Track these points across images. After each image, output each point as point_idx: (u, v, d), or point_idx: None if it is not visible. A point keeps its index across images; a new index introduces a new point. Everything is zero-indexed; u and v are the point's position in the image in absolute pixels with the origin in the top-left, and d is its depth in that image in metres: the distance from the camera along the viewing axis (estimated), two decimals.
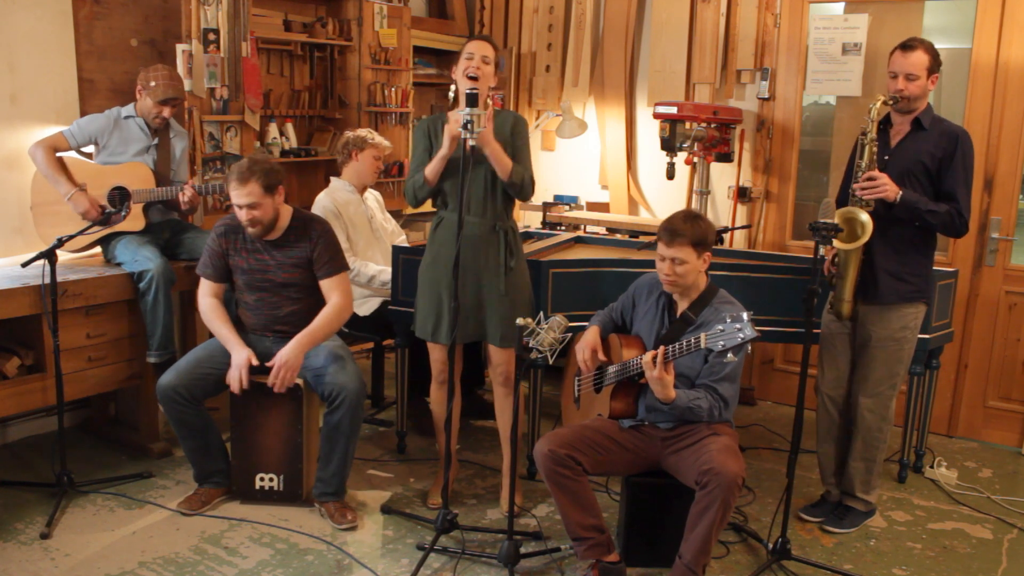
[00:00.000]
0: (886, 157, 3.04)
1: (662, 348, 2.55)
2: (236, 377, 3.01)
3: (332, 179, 4.02)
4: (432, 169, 2.98)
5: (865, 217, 2.91)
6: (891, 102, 2.98)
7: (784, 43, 4.50)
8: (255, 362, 3.04)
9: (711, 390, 2.66)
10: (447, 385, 3.17)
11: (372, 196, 4.14)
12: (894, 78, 2.97)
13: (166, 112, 3.51)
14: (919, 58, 2.93)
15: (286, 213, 3.14)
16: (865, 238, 2.92)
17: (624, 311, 2.96)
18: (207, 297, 3.16)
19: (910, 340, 3.12)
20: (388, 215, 4.25)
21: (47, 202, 3.45)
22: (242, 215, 3.02)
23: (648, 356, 2.55)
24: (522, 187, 3.01)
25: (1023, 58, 3.88)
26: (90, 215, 3.38)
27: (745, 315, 2.41)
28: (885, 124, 3.10)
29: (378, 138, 4.01)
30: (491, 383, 3.29)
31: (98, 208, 3.40)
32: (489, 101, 2.96)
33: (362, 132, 4.01)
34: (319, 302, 3.16)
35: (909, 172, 2.99)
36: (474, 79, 2.91)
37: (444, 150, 2.94)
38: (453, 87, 3.05)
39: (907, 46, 2.96)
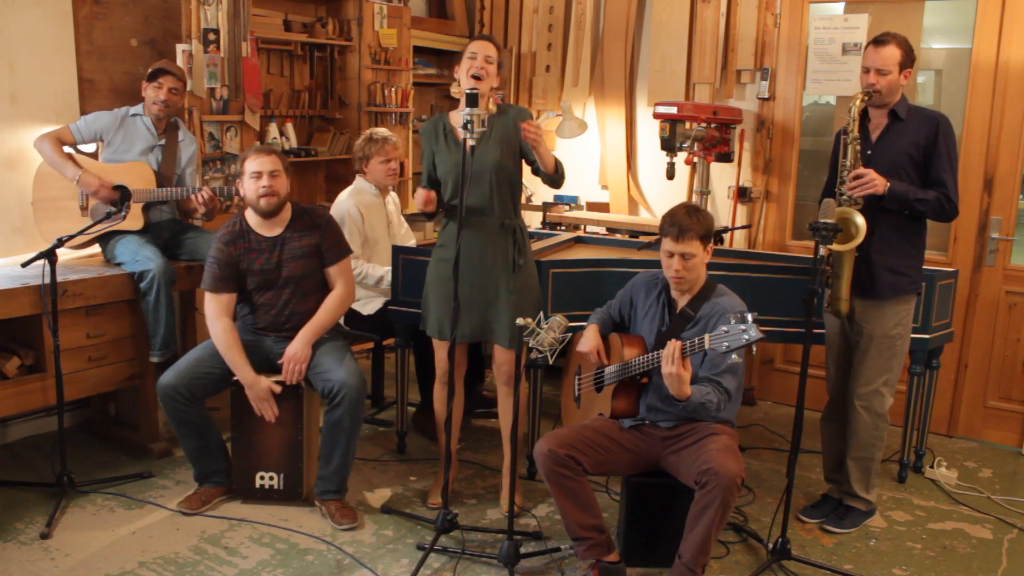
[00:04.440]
0: (868, 152, 3.04)
1: (679, 344, 2.53)
2: (268, 410, 3.06)
3: (357, 178, 4.00)
4: None
5: (860, 220, 2.92)
6: (866, 97, 2.99)
7: (784, 43, 4.50)
8: (276, 389, 3.07)
9: (715, 384, 2.65)
10: (456, 385, 3.18)
11: (391, 199, 4.13)
12: (866, 72, 2.98)
13: (163, 94, 3.47)
14: (891, 53, 2.94)
15: (287, 206, 3.17)
16: (859, 239, 2.92)
17: (623, 309, 2.95)
18: (220, 319, 3.08)
19: (903, 336, 3.12)
20: (403, 219, 4.25)
21: (48, 198, 3.46)
22: (261, 183, 3.05)
23: (668, 351, 2.53)
24: (561, 175, 3.09)
25: (1023, 58, 3.88)
26: (100, 194, 3.38)
27: (750, 316, 2.41)
28: (863, 119, 3.10)
29: (378, 143, 3.91)
30: (492, 381, 3.29)
31: (108, 187, 3.40)
32: (549, 115, 3.02)
33: (363, 141, 3.95)
34: (321, 300, 3.18)
35: (896, 164, 3.00)
36: (477, 79, 2.91)
37: None
38: (455, 87, 3.08)
39: (879, 41, 2.96)
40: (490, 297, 3.06)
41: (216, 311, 3.09)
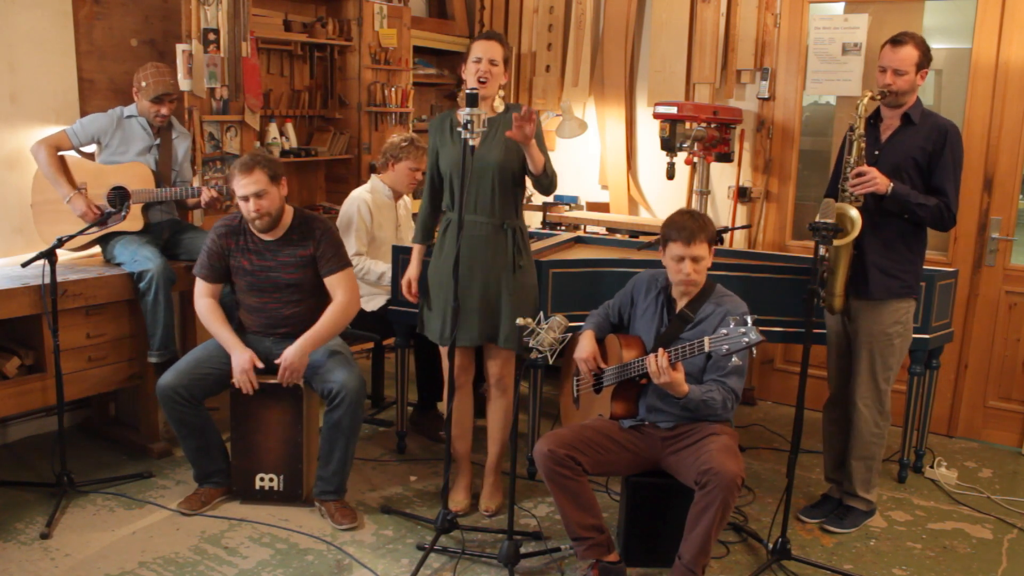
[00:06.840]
0: (876, 152, 3.05)
1: (663, 352, 2.55)
2: (245, 381, 3.04)
3: (373, 176, 4.00)
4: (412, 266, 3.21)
5: (854, 213, 2.93)
6: (879, 96, 2.98)
7: (784, 43, 4.50)
8: (259, 364, 3.06)
9: (720, 383, 2.66)
10: (465, 387, 3.17)
11: (403, 203, 4.13)
12: (883, 72, 2.98)
13: (164, 109, 3.51)
14: (908, 53, 2.94)
15: (288, 212, 3.14)
16: (854, 234, 2.93)
17: (623, 308, 2.95)
18: (204, 298, 3.15)
19: (902, 335, 3.11)
20: (413, 222, 4.24)
21: (47, 200, 3.45)
22: (249, 206, 3.00)
23: (652, 365, 2.55)
24: (551, 179, 2.99)
25: (1023, 58, 3.88)
26: (88, 217, 3.38)
27: (750, 319, 2.42)
28: (875, 119, 3.10)
29: (416, 150, 3.86)
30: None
31: (95, 211, 3.40)
32: (533, 110, 2.90)
33: (402, 141, 3.89)
34: (321, 304, 3.16)
35: (901, 167, 3.00)
36: (483, 83, 2.91)
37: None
38: (463, 93, 3.05)
39: (897, 40, 2.96)
40: (491, 299, 3.04)
41: (201, 291, 3.17)
